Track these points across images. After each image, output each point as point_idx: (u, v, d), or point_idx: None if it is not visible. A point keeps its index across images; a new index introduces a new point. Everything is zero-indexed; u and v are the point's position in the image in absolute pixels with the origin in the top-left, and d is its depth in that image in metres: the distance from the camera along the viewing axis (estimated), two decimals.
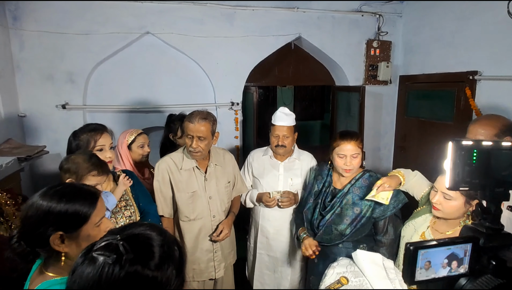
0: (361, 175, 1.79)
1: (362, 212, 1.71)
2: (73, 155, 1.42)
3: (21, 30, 2.78)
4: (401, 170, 1.76)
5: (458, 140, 0.78)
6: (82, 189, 0.95)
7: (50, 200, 0.86)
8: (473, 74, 2.81)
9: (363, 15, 3.59)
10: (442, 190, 1.36)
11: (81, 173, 1.34)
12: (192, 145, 1.74)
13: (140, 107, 3.19)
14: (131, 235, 0.70)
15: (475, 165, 0.78)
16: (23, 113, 2.89)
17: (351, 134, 1.75)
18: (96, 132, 1.64)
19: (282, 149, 2.07)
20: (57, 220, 0.85)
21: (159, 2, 3.02)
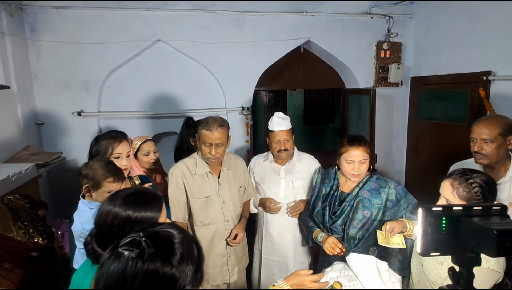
0: (369, 177, 1.77)
1: (373, 215, 1.70)
2: (91, 161, 1.47)
3: (38, 41, 2.89)
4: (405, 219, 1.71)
5: (428, 207, 0.78)
6: (149, 195, 1.06)
7: (127, 208, 0.96)
8: (486, 74, 2.76)
9: (373, 17, 3.58)
10: (444, 195, 1.34)
11: (98, 179, 1.38)
12: (211, 153, 1.77)
13: (152, 113, 3.25)
14: (153, 232, 0.76)
15: (444, 232, 0.78)
16: (40, 121, 2.99)
17: (359, 139, 1.72)
18: (115, 140, 1.69)
19: (285, 153, 2.08)
20: (134, 225, 0.94)
21: (170, 11, 3.09)
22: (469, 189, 1.27)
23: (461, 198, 1.28)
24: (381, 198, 1.71)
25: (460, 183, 1.29)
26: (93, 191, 1.40)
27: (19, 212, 1.38)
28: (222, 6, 3.20)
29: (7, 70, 2.59)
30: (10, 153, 2.54)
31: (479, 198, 1.27)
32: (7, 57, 2.59)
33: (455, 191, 1.29)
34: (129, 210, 0.97)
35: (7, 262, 1.20)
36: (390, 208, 1.70)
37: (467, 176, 1.30)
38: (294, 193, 2.15)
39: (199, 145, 1.83)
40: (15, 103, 2.68)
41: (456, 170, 1.37)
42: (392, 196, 1.71)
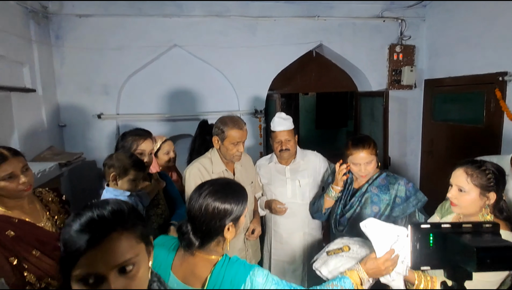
0: (379, 174, 1.80)
1: (381, 210, 1.72)
2: (115, 153, 1.61)
3: (62, 48, 3.05)
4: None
5: (417, 224, 0.82)
6: (237, 187, 1.18)
7: (224, 201, 1.10)
8: (502, 75, 2.72)
9: (385, 20, 3.59)
10: (456, 183, 1.35)
11: (125, 167, 1.52)
12: (239, 150, 1.85)
13: (168, 115, 3.35)
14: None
15: (432, 248, 0.82)
16: (63, 123, 3.13)
17: (363, 142, 1.74)
18: (140, 137, 1.80)
19: (287, 153, 2.10)
20: (231, 215, 1.10)
21: (186, 17, 3.21)
22: (483, 175, 1.29)
23: (475, 185, 1.30)
24: (389, 194, 1.74)
25: (474, 170, 1.30)
26: (119, 179, 1.54)
27: (48, 204, 1.47)
28: (235, 11, 3.29)
29: (34, 75, 2.74)
30: (35, 153, 2.67)
31: (492, 185, 1.29)
32: (34, 63, 2.75)
33: (469, 178, 1.30)
34: (225, 203, 1.09)
35: (36, 249, 1.27)
36: (399, 204, 1.72)
37: (480, 164, 1.32)
38: (301, 192, 2.17)
39: (225, 145, 1.85)
40: (40, 106, 2.83)
41: (467, 159, 1.38)
42: (402, 193, 1.73)
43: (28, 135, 2.65)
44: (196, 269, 1.09)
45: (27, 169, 1.33)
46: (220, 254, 1.13)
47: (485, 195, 1.30)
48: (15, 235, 1.24)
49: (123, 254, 0.69)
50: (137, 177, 1.56)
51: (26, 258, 1.24)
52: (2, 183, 1.24)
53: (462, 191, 1.32)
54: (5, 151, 1.28)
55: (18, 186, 1.27)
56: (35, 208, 1.39)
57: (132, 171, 1.53)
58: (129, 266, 0.70)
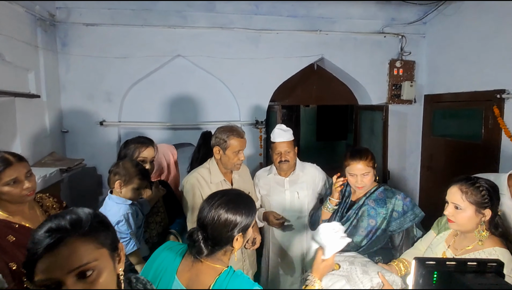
0: (376, 188, 1.82)
1: (377, 223, 1.73)
2: (121, 161, 1.64)
3: (68, 55, 3.10)
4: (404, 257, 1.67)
5: (422, 259, 0.81)
6: (248, 199, 1.22)
7: (235, 212, 1.13)
8: (500, 92, 2.76)
9: (386, 36, 3.66)
10: (452, 200, 1.37)
11: (130, 175, 1.55)
12: (241, 158, 1.89)
13: (169, 124, 3.38)
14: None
15: (435, 286, 0.80)
16: (65, 129, 3.15)
17: (360, 153, 1.78)
18: (142, 145, 1.84)
19: (286, 164, 2.12)
20: (240, 226, 1.14)
21: (190, 28, 3.27)
22: (477, 192, 1.31)
23: (470, 202, 1.32)
24: (386, 208, 1.75)
25: (468, 187, 1.33)
26: (124, 187, 1.56)
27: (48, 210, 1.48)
28: (239, 24, 3.36)
29: (39, 81, 2.78)
30: (36, 158, 2.69)
31: (487, 201, 1.31)
32: (39, 69, 2.79)
33: (464, 195, 1.33)
34: (236, 215, 1.13)
35: None
36: (396, 218, 1.73)
37: (474, 181, 1.35)
38: (300, 204, 2.17)
39: (227, 154, 1.88)
40: (44, 111, 2.86)
41: (461, 176, 1.40)
42: (399, 207, 1.74)
43: (30, 140, 2.67)
44: (201, 276, 1.12)
45: (30, 174, 1.35)
46: (225, 264, 1.16)
47: (480, 211, 1.32)
48: (16, 240, 1.24)
49: (79, 259, 0.71)
50: (141, 185, 1.59)
51: None
52: (6, 187, 1.26)
53: (458, 208, 1.34)
54: (9, 156, 1.30)
55: (21, 191, 1.29)
56: (36, 214, 1.40)
57: (137, 179, 1.56)
58: (88, 271, 0.72)
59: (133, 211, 1.55)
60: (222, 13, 3.31)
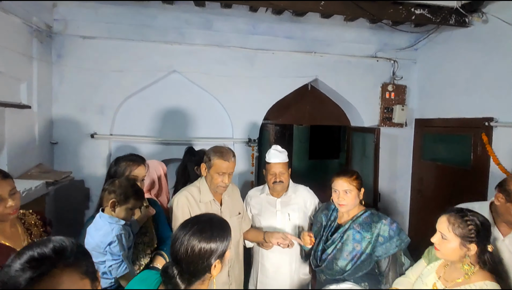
0: (363, 212, 1.83)
1: (362, 248, 1.73)
2: (118, 180, 1.59)
3: (62, 66, 3.09)
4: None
5: None
6: (221, 223, 1.18)
7: (209, 240, 1.09)
8: (488, 120, 2.83)
9: (378, 60, 3.75)
10: (440, 229, 1.39)
11: (127, 195, 1.51)
12: (223, 181, 1.85)
13: (161, 139, 3.36)
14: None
15: None
16: (55, 140, 3.10)
17: (344, 171, 1.84)
18: (133, 163, 1.81)
19: (280, 185, 2.12)
20: (217, 253, 1.10)
21: (187, 45, 3.30)
22: (464, 226, 1.32)
23: (456, 234, 1.33)
24: (371, 232, 1.75)
25: (456, 219, 1.34)
26: (118, 206, 1.51)
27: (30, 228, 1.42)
28: (235, 43, 3.41)
29: (31, 91, 2.75)
30: (23, 169, 2.63)
31: (473, 237, 1.30)
32: (32, 80, 2.77)
33: (450, 227, 1.34)
34: (211, 243, 1.09)
35: None
36: (382, 243, 1.73)
37: (463, 214, 1.35)
38: (290, 225, 2.15)
39: (210, 173, 1.87)
40: (34, 122, 2.81)
41: (454, 207, 1.42)
42: (385, 232, 1.75)
43: (18, 151, 2.61)
44: None
45: (14, 192, 1.30)
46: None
47: (465, 245, 1.32)
48: None
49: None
50: (135, 206, 1.56)
51: None
52: None
53: (444, 238, 1.35)
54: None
55: (4, 209, 1.24)
56: (17, 232, 1.35)
57: (133, 199, 1.53)
58: None
59: (125, 232, 1.51)
60: (220, 32, 3.36)
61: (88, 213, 3.17)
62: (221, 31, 3.36)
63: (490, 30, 2.89)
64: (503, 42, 2.76)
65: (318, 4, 2.82)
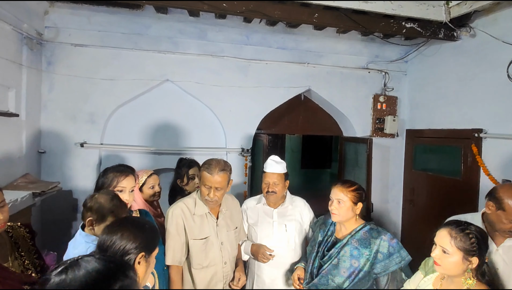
0: (362, 226, 1.76)
1: (360, 265, 1.67)
2: (97, 194, 1.49)
3: (53, 74, 3.03)
4: None
5: None
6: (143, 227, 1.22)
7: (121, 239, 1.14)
8: (478, 131, 2.88)
9: (370, 72, 3.81)
10: (441, 244, 1.36)
11: (103, 213, 1.40)
12: (209, 195, 1.79)
13: (153, 148, 3.31)
14: None
15: None
16: (42, 149, 3.02)
17: (342, 181, 1.82)
18: (121, 174, 1.71)
19: (273, 196, 2.09)
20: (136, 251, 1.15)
21: (181, 54, 3.29)
22: (466, 239, 1.31)
23: (458, 248, 1.31)
24: (370, 249, 1.68)
25: (458, 233, 1.32)
26: (96, 225, 1.41)
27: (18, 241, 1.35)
28: (229, 52, 3.41)
29: (19, 99, 2.68)
30: (8, 179, 2.54)
31: (475, 249, 1.30)
32: (21, 87, 2.70)
33: (453, 241, 1.32)
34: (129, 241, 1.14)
35: None
36: (381, 260, 1.66)
37: (464, 227, 1.34)
38: (287, 236, 2.12)
39: (201, 186, 1.84)
40: (21, 130, 2.74)
41: (452, 221, 1.40)
42: (384, 249, 1.67)
43: (4, 160, 2.53)
44: None
45: (4, 205, 1.25)
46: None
47: (467, 259, 1.31)
48: None
49: None
50: None
51: None
52: None
53: (446, 252, 1.33)
54: None
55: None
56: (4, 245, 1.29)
57: (110, 217, 1.41)
58: None
59: None
60: (213, 42, 3.37)
61: (75, 225, 3.07)
62: (215, 41, 3.37)
63: (478, 44, 2.98)
64: (490, 56, 2.85)
65: (312, 16, 2.86)
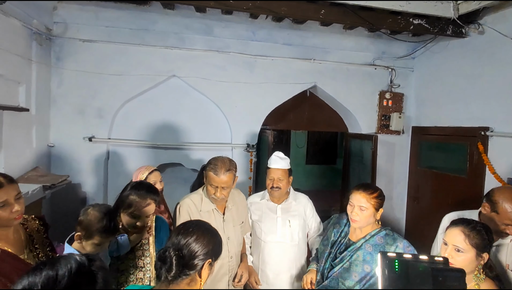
0: (378, 231, 1.71)
1: (372, 271, 1.63)
2: (91, 208, 1.46)
3: (61, 69, 3.08)
4: None
5: (385, 252, 0.99)
6: (215, 236, 1.28)
7: (202, 245, 1.17)
8: (484, 130, 2.87)
9: (376, 68, 3.79)
10: (453, 243, 1.36)
11: (90, 230, 1.40)
12: (216, 194, 1.82)
13: (160, 143, 3.35)
14: None
15: (397, 273, 0.96)
16: (52, 143, 3.08)
17: (365, 185, 1.74)
18: (142, 200, 1.66)
19: (277, 191, 2.12)
20: (207, 257, 1.17)
21: (187, 50, 3.31)
22: (480, 237, 1.34)
23: (472, 245, 1.33)
24: None
25: (471, 231, 1.35)
26: (84, 240, 1.41)
27: (32, 234, 1.40)
28: (235, 48, 3.42)
29: (29, 94, 2.73)
30: (19, 172, 2.60)
31: (487, 245, 1.35)
32: (30, 82, 2.75)
33: (467, 239, 1.34)
34: (205, 247, 1.20)
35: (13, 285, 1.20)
36: None
37: (474, 224, 1.38)
38: (290, 232, 2.15)
39: (206, 184, 1.87)
40: (31, 125, 2.79)
41: (461, 219, 1.43)
42: None
43: (15, 154, 2.59)
44: None
45: (20, 196, 1.29)
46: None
47: (480, 255, 1.33)
48: None
49: None
50: (102, 242, 1.43)
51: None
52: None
53: (460, 251, 1.34)
54: (1, 177, 1.24)
55: (10, 214, 1.23)
56: (20, 238, 1.33)
57: (98, 236, 1.40)
58: None
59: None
60: (220, 37, 3.38)
61: None
62: (221, 37, 3.38)
63: (486, 41, 2.95)
64: (499, 53, 2.82)
65: (318, 13, 2.85)
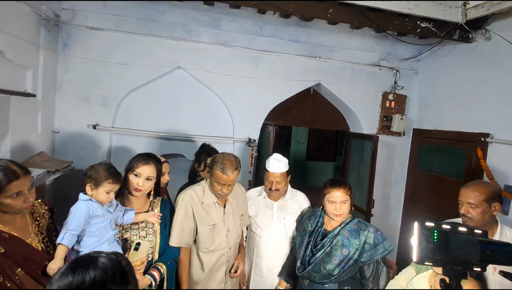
0: (351, 219, 1.93)
1: (350, 254, 1.83)
2: (96, 164, 1.62)
3: (68, 56, 3.10)
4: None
5: (422, 221, 0.95)
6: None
7: None
8: (484, 136, 2.90)
9: (381, 69, 3.80)
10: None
11: (100, 179, 1.52)
12: (222, 191, 1.87)
13: (163, 134, 3.39)
14: None
15: (436, 243, 0.94)
16: (56, 129, 3.12)
17: (339, 182, 1.91)
18: (142, 160, 1.77)
19: (276, 193, 2.19)
20: None
21: (193, 42, 3.32)
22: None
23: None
24: (359, 239, 1.85)
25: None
26: (94, 190, 1.54)
27: (39, 219, 1.45)
28: (241, 43, 3.43)
29: (36, 80, 2.76)
30: (24, 157, 2.64)
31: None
32: (38, 68, 2.77)
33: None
34: None
35: (21, 268, 1.25)
36: (367, 250, 1.83)
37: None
38: (285, 229, 2.21)
39: (211, 180, 1.90)
40: (37, 110, 2.83)
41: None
42: (371, 240, 1.84)
43: (21, 138, 2.63)
44: None
45: (32, 186, 1.33)
46: None
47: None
48: (4, 251, 1.22)
49: None
50: (112, 189, 1.56)
51: (10, 277, 1.21)
52: (9, 200, 1.24)
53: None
54: (17, 168, 1.28)
55: (23, 204, 1.27)
56: (26, 223, 1.38)
57: (106, 183, 1.54)
58: None
59: (93, 211, 1.49)
60: (226, 31, 3.38)
61: None
62: (227, 30, 3.39)
63: (492, 47, 2.96)
64: (504, 60, 2.83)
65: (326, 12, 2.85)
